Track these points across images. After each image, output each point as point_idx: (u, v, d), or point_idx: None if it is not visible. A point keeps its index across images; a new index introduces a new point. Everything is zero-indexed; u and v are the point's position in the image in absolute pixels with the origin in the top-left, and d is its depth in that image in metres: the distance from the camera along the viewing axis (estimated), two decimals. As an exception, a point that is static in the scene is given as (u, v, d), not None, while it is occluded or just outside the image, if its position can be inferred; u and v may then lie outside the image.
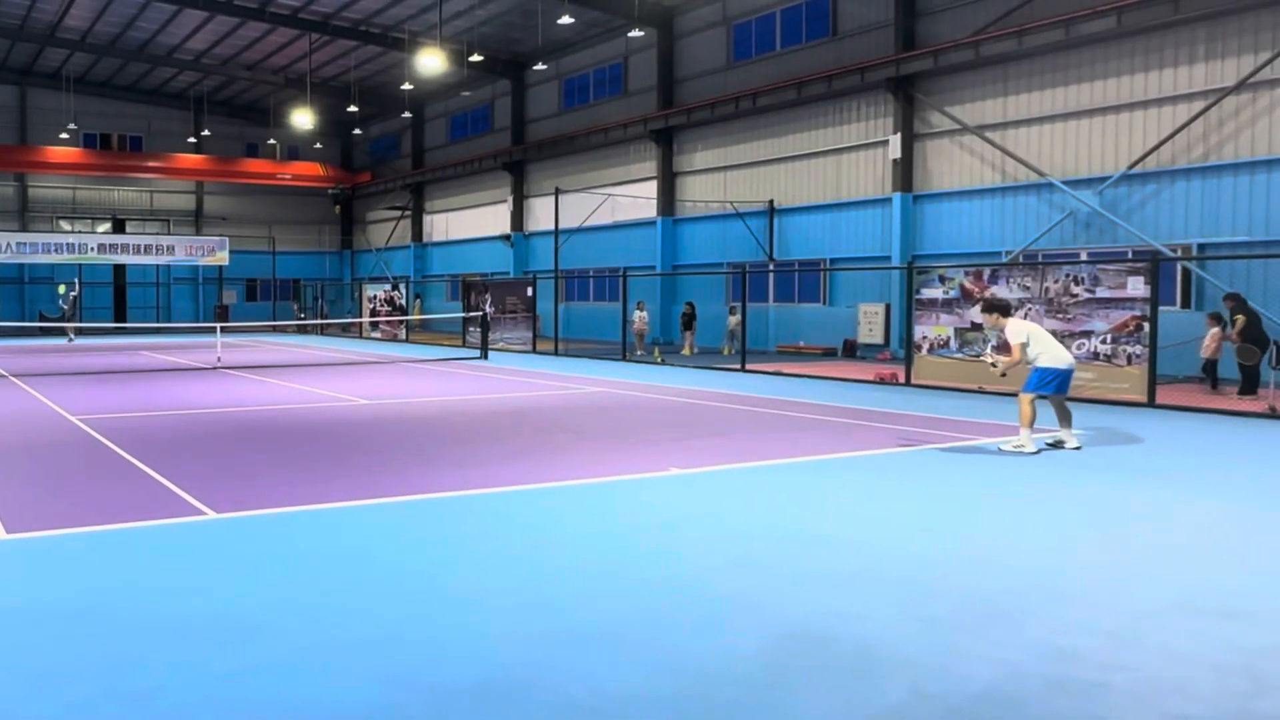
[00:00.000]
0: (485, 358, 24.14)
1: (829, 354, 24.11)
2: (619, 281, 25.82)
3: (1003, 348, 10.41)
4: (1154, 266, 13.58)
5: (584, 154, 33.80)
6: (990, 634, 4.42)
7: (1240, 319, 14.36)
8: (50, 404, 13.69)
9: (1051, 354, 9.76)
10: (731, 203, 27.66)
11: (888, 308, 23.01)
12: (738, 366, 19.93)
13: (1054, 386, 9.73)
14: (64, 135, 41.74)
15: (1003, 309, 10.14)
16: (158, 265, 43.41)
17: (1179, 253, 18.14)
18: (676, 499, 7.47)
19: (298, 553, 5.88)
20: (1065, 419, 9.92)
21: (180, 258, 42.37)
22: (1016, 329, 9.87)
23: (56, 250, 40.02)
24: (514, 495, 7.55)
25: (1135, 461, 9.21)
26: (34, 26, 36.10)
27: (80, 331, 35.00)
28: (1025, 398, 9.66)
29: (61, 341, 31.85)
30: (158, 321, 43.09)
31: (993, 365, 10.24)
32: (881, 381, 16.98)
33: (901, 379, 16.68)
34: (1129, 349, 13.59)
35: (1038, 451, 9.52)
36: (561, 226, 28.59)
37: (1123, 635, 4.40)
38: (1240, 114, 17.54)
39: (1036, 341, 9.80)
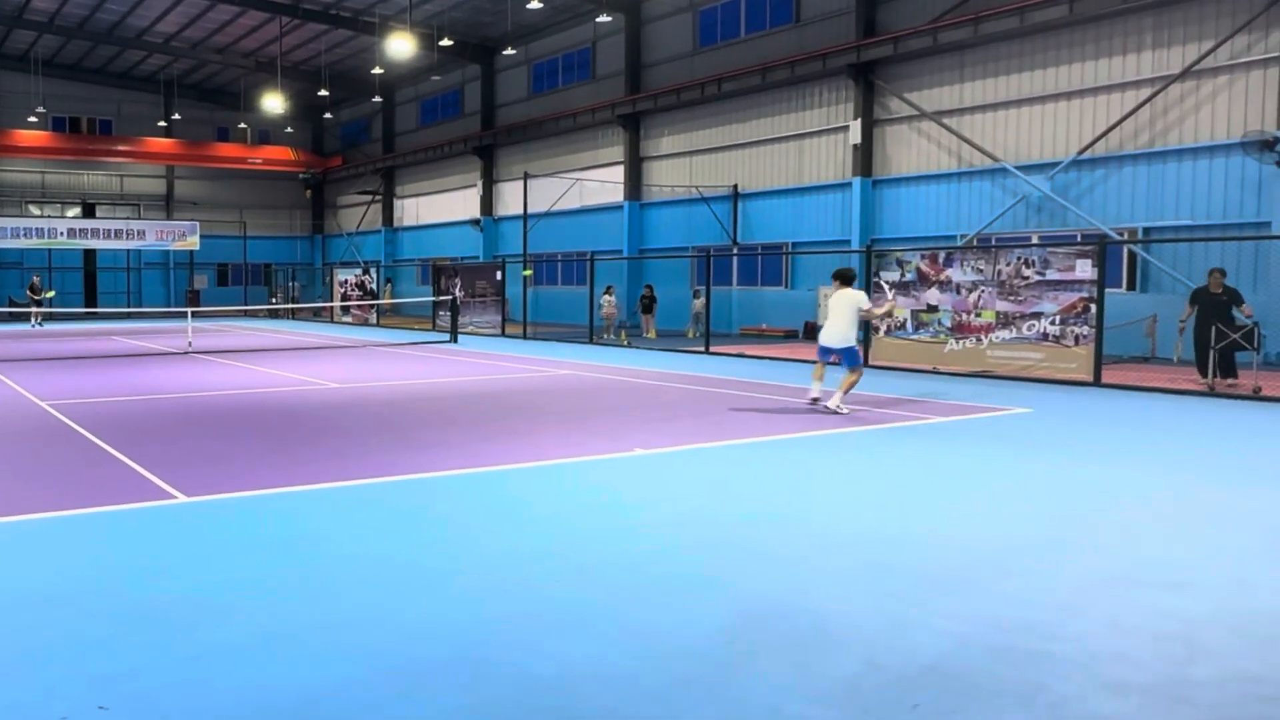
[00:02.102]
0: (455, 341, 24.01)
1: (790, 336, 24.23)
2: (587, 265, 25.75)
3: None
4: (1101, 250, 13.76)
5: (553, 139, 33.60)
6: (940, 607, 4.48)
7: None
8: (19, 389, 13.44)
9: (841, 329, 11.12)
10: (697, 187, 27.65)
11: (848, 290, 23.13)
12: (702, 349, 19.98)
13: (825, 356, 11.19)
14: (32, 119, 40.81)
15: (845, 278, 11.37)
16: (128, 250, 42.67)
17: (1126, 236, 18.39)
18: (640, 479, 7.50)
19: (267, 535, 5.84)
20: (819, 375, 11.36)
21: (151, 242, 41.68)
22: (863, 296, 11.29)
23: (25, 235, 39.22)
24: (480, 476, 7.53)
25: (1081, 438, 9.36)
26: (1, 8, 35.18)
27: (49, 317, 34.38)
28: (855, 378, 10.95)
29: (25, 327, 31.29)
30: (128, 307, 42.39)
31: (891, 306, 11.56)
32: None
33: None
34: (1077, 330, 13.78)
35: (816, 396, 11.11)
36: (530, 211, 28.43)
37: (1067, 607, 4.48)
38: (1185, 101, 17.77)
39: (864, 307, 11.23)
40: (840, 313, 10.97)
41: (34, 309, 32.30)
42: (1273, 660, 3.89)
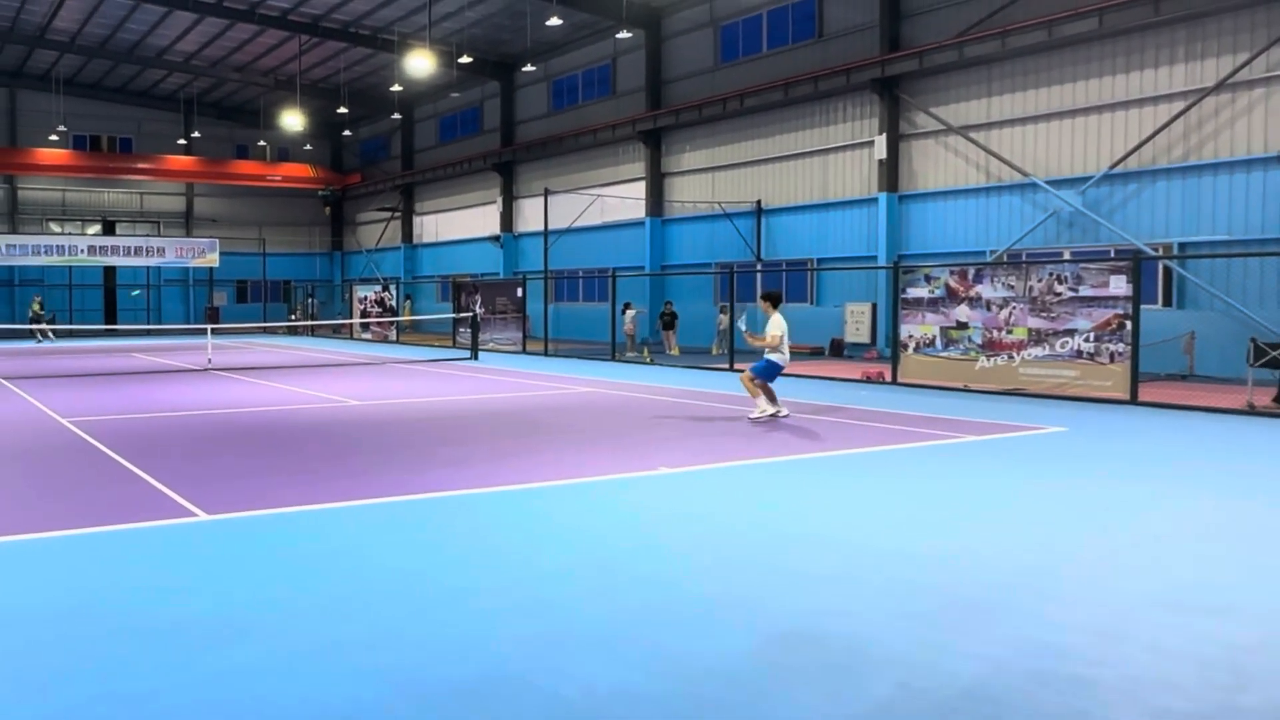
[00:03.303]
0: (475, 358, 24.09)
1: (816, 353, 24.14)
2: (608, 282, 25.80)
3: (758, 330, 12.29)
4: (1136, 265, 13.65)
5: (573, 155, 33.77)
6: (976, 630, 4.43)
7: None
8: (41, 406, 13.60)
9: (785, 353, 11.84)
10: (719, 203, 27.68)
11: (874, 307, 23.06)
12: (726, 366, 19.94)
13: (775, 376, 11.83)
14: (54, 137, 41.49)
15: (775, 300, 12.06)
16: (148, 267, 43.19)
17: (1160, 251, 18.23)
18: (666, 498, 7.47)
19: (288, 554, 5.86)
20: (772, 397, 11.87)
21: (170, 259, 42.15)
22: (780, 322, 11.83)
23: (46, 252, 39.77)
24: (504, 495, 7.53)
25: (1118, 458, 9.25)
26: (23, 28, 35.86)
27: (61, 334, 34.92)
28: (748, 377, 11.81)
29: (30, 344, 31.78)
30: (148, 323, 42.86)
31: (746, 331, 12.13)
32: (868, 380, 17.01)
33: (888, 378, 16.71)
34: (1111, 347, 13.65)
35: (779, 412, 11.69)
36: (551, 227, 28.56)
37: (1108, 631, 4.42)
38: (1220, 114, 17.64)
39: (785, 338, 11.84)
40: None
41: (41, 326, 32.85)
42: (1324, 687, 3.81)
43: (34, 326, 32.82)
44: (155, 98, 44.91)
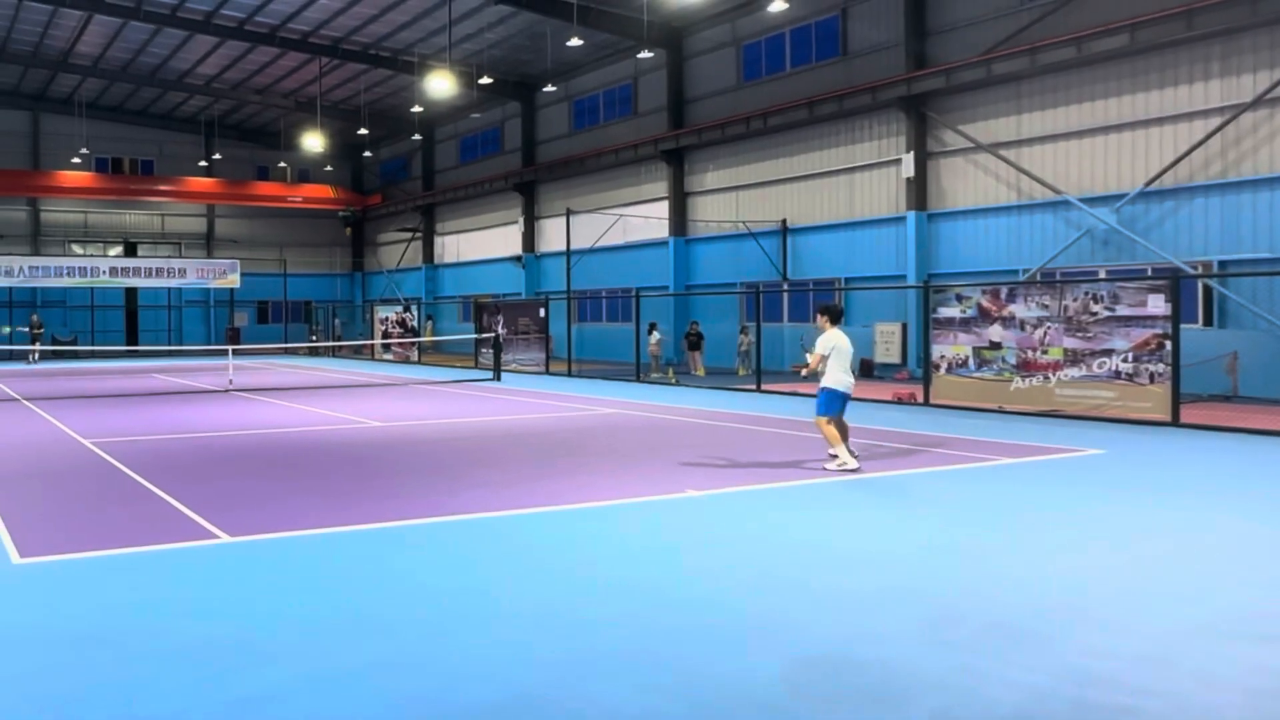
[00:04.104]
0: (498, 379, 24.16)
1: (844, 374, 24.00)
2: (632, 302, 25.85)
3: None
4: (1174, 284, 13.52)
5: (595, 174, 33.95)
6: (1015, 657, 4.37)
7: None
8: (63, 427, 13.75)
9: (842, 375, 10.00)
10: (744, 222, 27.70)
11: (904, 327, 22.95)
12: (753, 387, 19.90)
13: (840, 407, 9.93)
14: (76, 160, 42.20)
15: (834, 315, 10.38)
16: (169, 288, 43.71)
17: (1200, 270, 18.06)
18: (694, 521, 7.44)
19: (311, 576, 5.88)
20: (845, 435, 10.03)
21: (191, 280, 42.67)
22: (828, 341, 10.06)
23: (68, 274, 40.35)
24: (530, 518, 7.53)
25: (1160, 481, 9.14)
26: (46, 53, 36.59)
27: (83, 354, 35.36)
28: (821, 421, 9.88)
29: (21, 366, 32.22)
30: (169, 344, 43.33)
31: (805, 366, 10.50)
32: (900, 401, 16.91)
33: (920, 399, 16.61)
34: (1151, 367, 13.50)
35: (857, 468, 9.65)
36: (573, 247, 28.67)
37: (1151, 658, 4.35)
38: (1258, 130, 17.50)
39: (837, 356, 10.02)
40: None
41: (33, 346, 33.23)
42: (1381, 718, 3.73)
43: (28, 348, 33.18)
44: (177, 120, 45.64)
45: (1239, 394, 16.56)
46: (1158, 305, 13.49)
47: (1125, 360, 13.74)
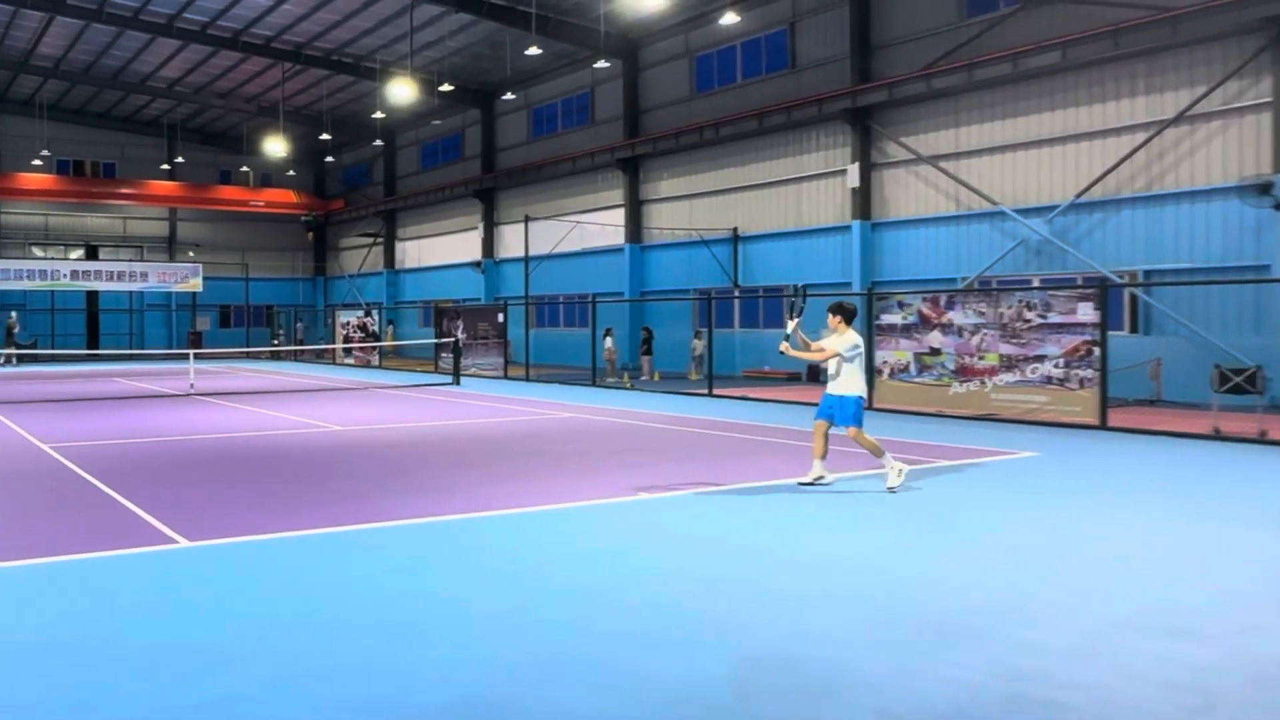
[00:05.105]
0: (457, 384, 24.00)
1: (794, 379, 24.21)
2: (588, 308, 25.82)
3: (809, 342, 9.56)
4: (1102, 293, 13.81)
5: (553, 182, 33.88)
6: (951, 655, 4.45)
7: None
8: (21, 431, 13.42)
9: (858, 381, 8.97)
10: (697, 230, 27.81)
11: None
12: (705, 391, 19.98)
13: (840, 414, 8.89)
14: (37, 162, 41.18)
15: (848, 315, 9.18)
16: (130, 292, 42.81)
17: (1126, 279, 18.47)
18: (645, 524, 7.46)
19: (270, 580, 5.80)
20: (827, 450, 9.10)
21: (153, 284, 41.83)
22: (842, 341, 8.97)
23: (29, 277, 39.34)
24: (485, 521, 7.50)
25: (1088, 483, 9.33)
26: (7, 54, 35.67)
27: (44, 359, 34.50)
28: (856, 432, 8.83)
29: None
30: (130, 348, 42.44)
31: (786, 337, 9.34)
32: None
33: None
34: (1081, 373, 13.79)
35: (830, 482, 8.95)
36: (531, 253, 28.57)
37: (1079, 654, 4.45)
38: (1180, 145, 17.95)
39: (860, 361, 9.02)
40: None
41: (9, 350, 32.39)
42: (1288, 709, 3.85)
43: (5, 352, 32.32)
44: (139, 123, 44.72)
45: (1162, 398, 16.96)
46: (1087, 313, 13.77)
47: (1057, 366, 14.01)
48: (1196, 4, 16.84)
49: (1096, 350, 13.61)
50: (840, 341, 8.93)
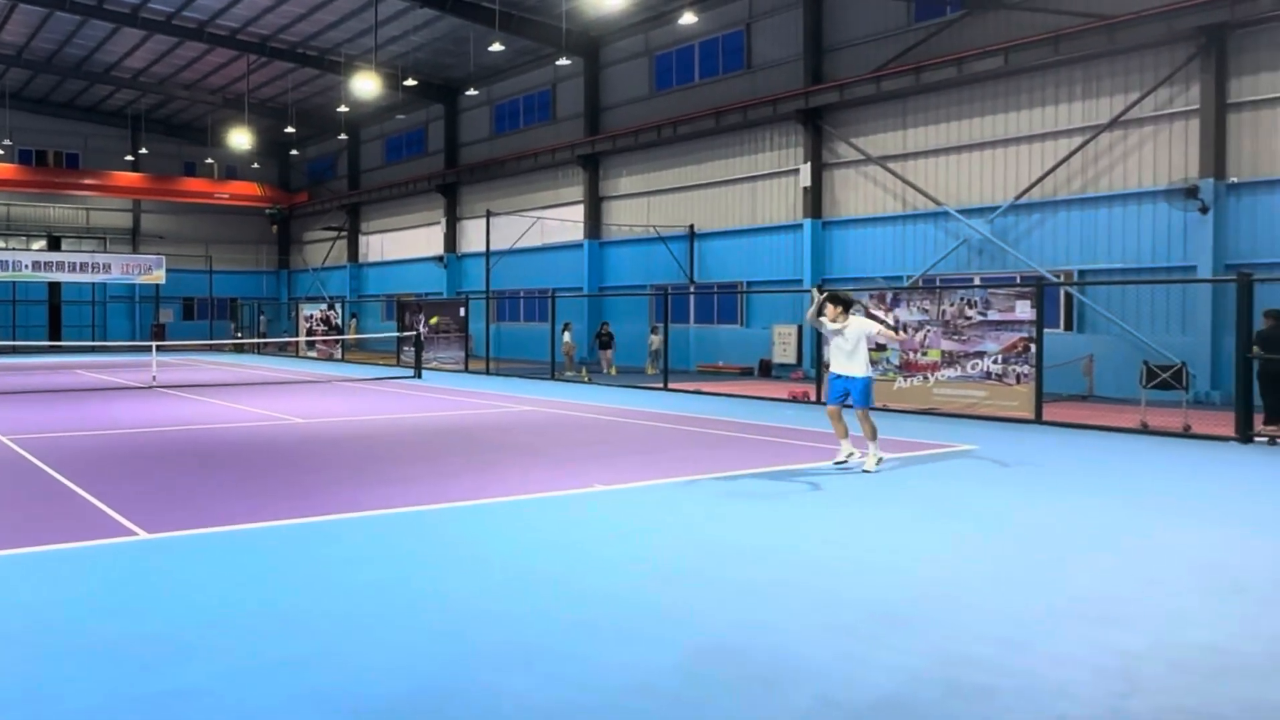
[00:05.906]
0: (419, 377, 23.80)
1: (746, 373, 24.34)
2: (548, 302, 25.72)
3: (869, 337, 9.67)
4: (1039, 291, 14.04)
5: (515, 177, 33.67)
6: (892, 642, 4.50)
7: None
8: (-20, 422, 13.06)
9: (867, 364, 9.38)
10: (654, 227, 27.81)
11: (800, 329, 23.34)
12: (661, 385, 20.00)
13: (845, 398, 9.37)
14: (-2, 151, 40.07)
15: (846, 305, 9.52)
16: (93, 284, 41.81)
17: (1062, 278, 18.79)
18: (599, 515, 7.46)
19: (228, 572, 5.71)
20: (846, 431, 9.44)
21: (116, 276, 40.87)
22: (860, 328, 9.42)
23: (-11, 267, 38.27)
24: (443, 512, 7.45)
25: (1024, 475, 9.50)
26: (-33, 44, 34.62)
27: (4, 350, 33.62)
28: (862, 414, 9.33)
29: None
30: (93, 340, 41.47)
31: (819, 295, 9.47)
32: (794, 400, 17.20)
33: (813, 397, 16.91)
34: (1018, 369, 14.01)
35: (850, 457, 9.37)
36: (493, 248, 28.37)
37: (1012, 641, 4.53)
38: (1114, 149, 18.28)
39: (866, 345, 9.41)
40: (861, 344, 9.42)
41: None
42: (1209, 693, 3.95)
43: None
44: (102, 113, 43.61)
45: (1094, 394, 17.31)
46: (1024, 311, 14.00)
47: (995, 362, 14.23)
48: (1132, 12, 17.16)
49: (1033, 347, 13.83)
50: (861, 325, 9.52)
